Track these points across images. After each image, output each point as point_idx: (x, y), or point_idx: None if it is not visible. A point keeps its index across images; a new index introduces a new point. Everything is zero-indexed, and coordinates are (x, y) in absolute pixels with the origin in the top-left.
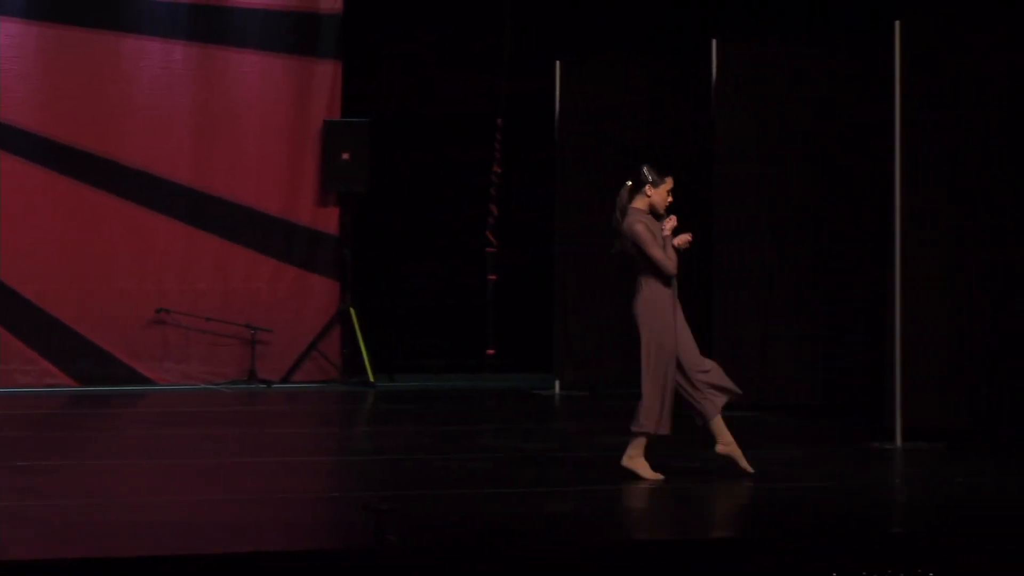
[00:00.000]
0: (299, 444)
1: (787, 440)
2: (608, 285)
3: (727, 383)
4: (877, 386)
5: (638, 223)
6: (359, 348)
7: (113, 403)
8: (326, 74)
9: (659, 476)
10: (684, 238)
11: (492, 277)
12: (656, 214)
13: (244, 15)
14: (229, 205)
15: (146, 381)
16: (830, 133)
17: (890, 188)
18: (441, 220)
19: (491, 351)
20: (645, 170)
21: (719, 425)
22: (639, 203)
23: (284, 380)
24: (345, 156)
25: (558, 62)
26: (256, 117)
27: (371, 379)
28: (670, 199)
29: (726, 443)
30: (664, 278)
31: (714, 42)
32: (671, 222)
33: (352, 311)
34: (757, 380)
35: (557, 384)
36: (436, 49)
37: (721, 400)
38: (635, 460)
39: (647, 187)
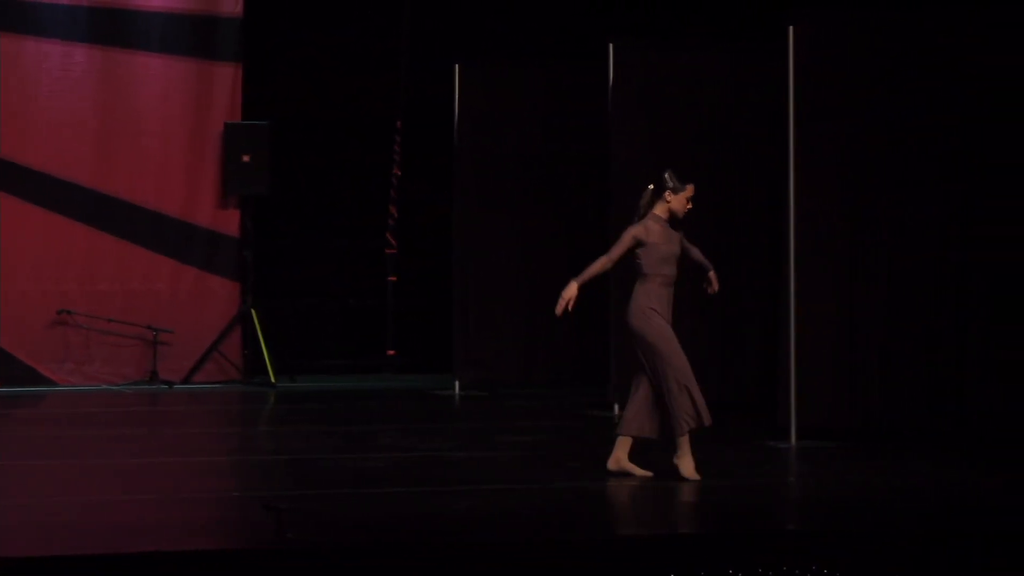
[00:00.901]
0: (200, 444)
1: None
2: (506, 287)
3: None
4: (771, 386)
5: (632, 227)
6: (260, 349)
7: (13, 404)
8: (226, 77)
9: (648, 474)
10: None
11: (392, 278)
12: (676, 220)
13: (145, 18)
14: (130, 207)
15: (47, 382)
16: (725, 137)
17: (784, 191)
18: (341, 222)
19: (391, 352)
20: (667, 176)
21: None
22: (659, 209)
23: (185, 381)
24: (245, 158)
25: (457, 65)
26: (157, 119)
27: (272, 380)
28: (689, 206)
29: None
30: (668, 286)
31: (611, 47)
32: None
33: (253, 312)
34: None
35: (456, 384)
36: (336, 52)
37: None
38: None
39: (667, 193)
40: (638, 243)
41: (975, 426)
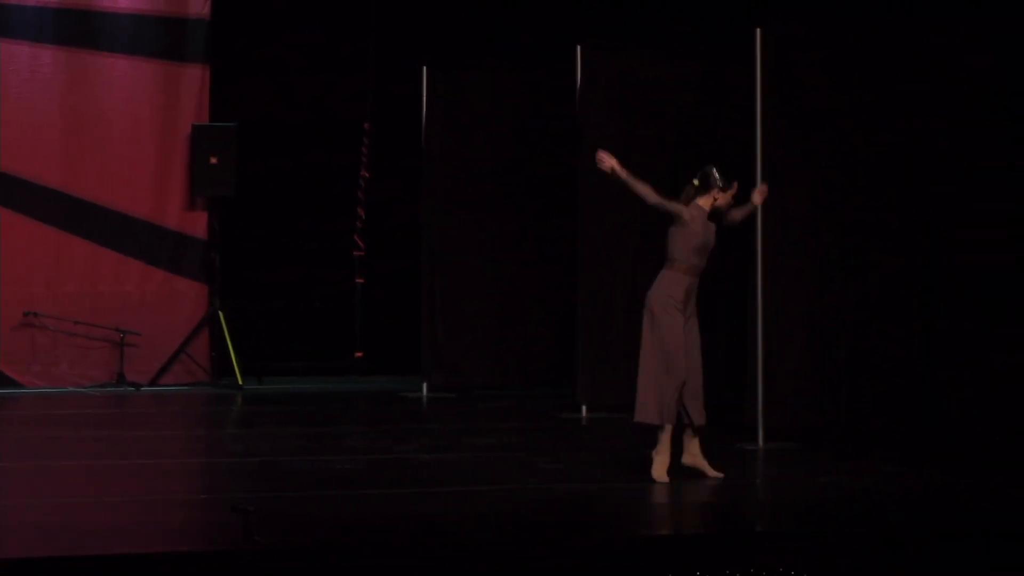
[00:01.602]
0: (167, 446)
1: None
2: (475, 289)
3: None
4: (739, 388)
5: (682, 205)
6: (228, 351)
7: None
8: (194, 79)
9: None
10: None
11: (360, 280)
12: (718, 214)
13: (112, 20)
14: (98, 209)
15: (14, 384)
16: (693, 139)
17: (752, 192)
18: (309, 224)
19: (359, 354)
20: (715, 173)
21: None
22: (703, 201)
23: (153, 383)
24: (213, 160)
25: (425, 67)
26: (125, 121)
27: (240, 382)
28: (733, 202)
29: (692, 454)
30: (692, 273)
31: (579, 48)
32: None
33: (220, 314)
34: (624, 383)
35: (425, 387)
36: (304, 53)
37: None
38: (657, 458)
39: (715, 190)
40: (679, 219)
41: (942, 427)
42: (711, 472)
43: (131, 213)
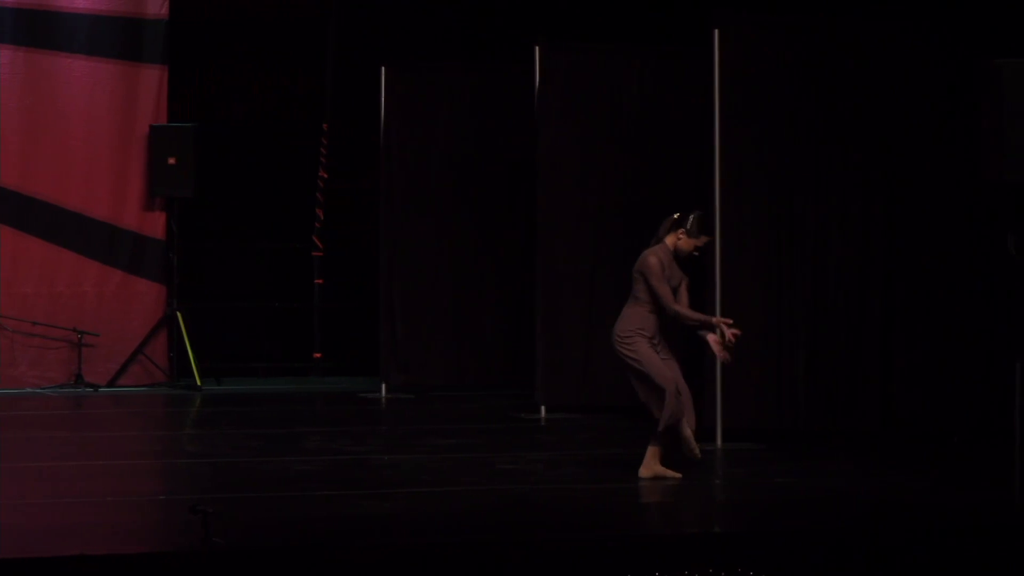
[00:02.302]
0: (126, 447)
1: (611, 442)
2: (434, 289)
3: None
4: (697, 387)
5: (653, 255)
6: (186, 352)
7: None
8: (152, 79)
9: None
10: (734, 332)
11: (319, 281)
12: (677, 256)
13: (70, 20)
14: (55, 209)
15: None
16: (650, 139)
17: (710, 193)
18: (268, 224)
19: (318, 355)
20: (691, 218)
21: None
22: (670, 239)
23: (111, 384)
24: (171, 161)
25: (383, 68)
26: (82, 122)
27: (198, 383)
28: (696, 254)
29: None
30: (660, 313)
31: (537, 49)
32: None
33: (179, 315)
34: (581, 382)
35: (384, 387)
36: (262, 54)
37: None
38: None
39: (681, 231)
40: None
41: (900, 427)
42: (670, 474)
43: (89, 214)
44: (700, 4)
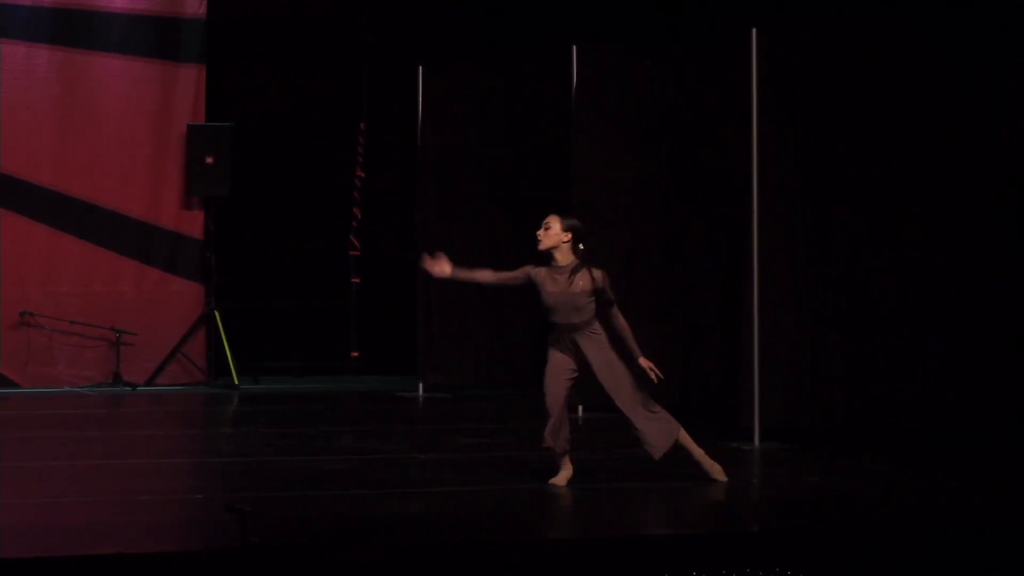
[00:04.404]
0: (163, 446)
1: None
2: (470, 290)
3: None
4: (734, 388)
5: (530, 268)
6: (223, 351)
7: None
8: (190, 78)
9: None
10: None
11: (356, 280)
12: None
13: (108, 19)
14: (93, 208)
15: (11, 384)
16: (685, 139)
17: (747, 194)
18: (305, 223)
19: (355, 354)
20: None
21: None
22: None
23: (149, 382)
24: (209, 160)
25: (420, 67)
26: (120, 121)
27: (235, 382)
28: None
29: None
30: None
31: (574, 48)
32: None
33: (216, 314)
34: None
35: (420, 386)
36: (299, 53)
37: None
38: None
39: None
40: (533, 283)
41: (936, 426)
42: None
43: (127, 213)
44: (736, 4)
